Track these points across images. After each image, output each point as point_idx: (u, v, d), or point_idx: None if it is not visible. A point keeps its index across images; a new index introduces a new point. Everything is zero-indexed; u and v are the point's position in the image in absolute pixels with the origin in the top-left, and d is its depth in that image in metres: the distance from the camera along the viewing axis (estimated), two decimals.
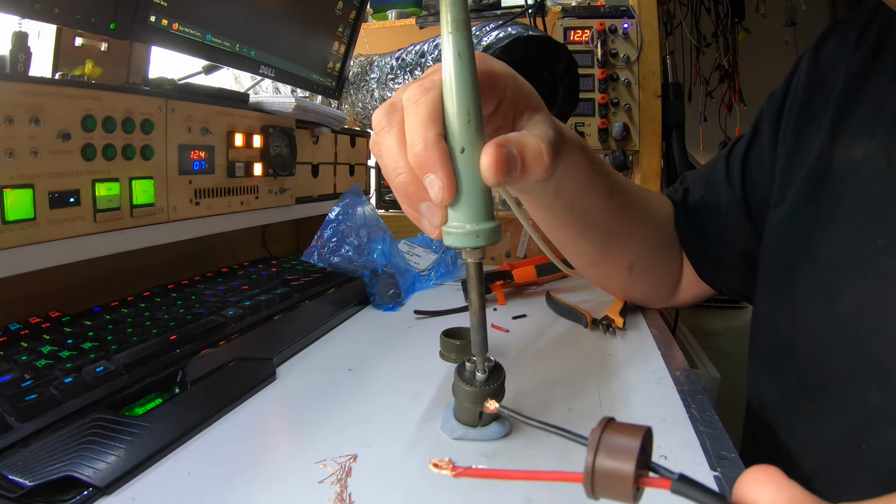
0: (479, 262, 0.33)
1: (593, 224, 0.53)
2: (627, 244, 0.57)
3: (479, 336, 0.34)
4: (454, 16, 0.30)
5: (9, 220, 0.44)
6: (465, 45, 0.30)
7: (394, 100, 0.33)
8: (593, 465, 0.19)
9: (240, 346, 0.48)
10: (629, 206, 0.55)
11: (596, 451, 0.19)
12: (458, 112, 0.30)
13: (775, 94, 0.55)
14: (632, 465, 0.18)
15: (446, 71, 0.30)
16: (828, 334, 0.42)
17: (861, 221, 0.42)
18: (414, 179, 0.31)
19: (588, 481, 0.19)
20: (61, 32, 0.63)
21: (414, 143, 0.30)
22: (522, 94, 0.38)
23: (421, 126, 0.30)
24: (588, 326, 0.59)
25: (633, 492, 0.19)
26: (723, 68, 1.80)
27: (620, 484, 0.19)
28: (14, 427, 0.33)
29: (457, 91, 0.30)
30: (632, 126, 1.05)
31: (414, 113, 0.30)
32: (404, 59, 0.99)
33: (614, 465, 0.19)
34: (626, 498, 0.19)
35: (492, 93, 0.35)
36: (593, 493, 0.19)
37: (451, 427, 0.37)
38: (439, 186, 0.30)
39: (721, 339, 1.51)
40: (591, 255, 0.57)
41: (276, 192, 0.78)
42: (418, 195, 0.31)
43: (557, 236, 0.55)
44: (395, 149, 0.32)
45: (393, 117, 0.33)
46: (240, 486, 0.32)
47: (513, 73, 0.38)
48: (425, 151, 0.29)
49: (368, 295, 0.69)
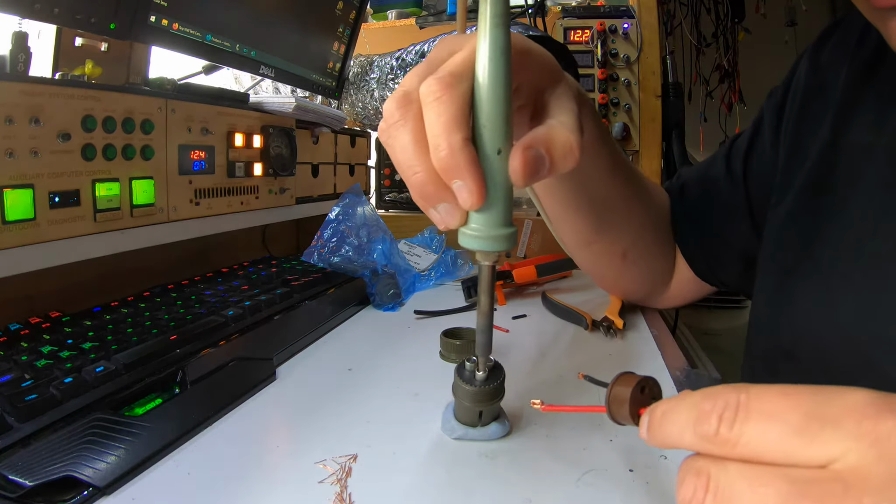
0: (492, 265, 0.32)
1: (593, 196, 0.52)
2: (624, 226, 0.56)
3: (484, 337, 0.34)
4: (497, 9, 0.28)
5: (9, 220, 0.44)
6: (506, 41, 0.28)
7: (408, 88, 0.31)
8: (609, 394, 0.28)
9: (240, 346, 0.48)
10: (630, 186, 0.54)
11: (611, 386, 0.28)
12: (496, 114, 0.29)
13: (776, 93, 0.54)
14: (628, 392, 0.27)
15: (482, 69, 0.29)
16: (829, 341, 0.42)
17: (863, 227, 0.41)
18: (433, 180, 0.29)
19: (606, 406, 0.28)
20: (61, 32, 0.63)
21: (438, 147, 0.28)
22: (544, 69, 0.36)
23: (446, 129, 0.28)
24: (588, 328, 0.59)
25: (634, 416, 0.27)
26: (723, 68, 1.80)
27: (623, 407, 0.27)
28: (14, 427, 0.33)
29: (495, 92, 0.28)
30: (632, 126, 1.05)
31: (437, 113, 0.29)
32: (404, 59, 0.99)
33: (617, 393, 0.27)
34: (630, 420, 0.27)
35: (519, 76, 0.33)
36: (612, 415, 0.28)
37: (451, 427, 0.37)
38: (468, 192, 0.28)
39: (721, 339, 1.51)
40: (586, 232, 0.56)
41: (276, 192, 0.78)
42: (437, 196, 0.29)
43: (555, 208, 0.54)
44: (412, 146, 0.30)
45: (408, 110, 0.30)
46: (240, 486, 0.32)
47: (537, 46, 0.36)
48: (452, 158, 0.28)
49: (368, 295, 0.69)
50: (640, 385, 0.27)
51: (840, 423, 0.18)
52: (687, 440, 0.21)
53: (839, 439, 0.18)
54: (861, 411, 0.18)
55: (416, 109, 0.30)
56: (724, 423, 0.20)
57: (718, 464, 0.20)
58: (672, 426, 0.22)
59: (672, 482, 0.32)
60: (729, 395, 0.20)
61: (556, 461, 0.35)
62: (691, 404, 0.21)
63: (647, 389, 0.28)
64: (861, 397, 0.19)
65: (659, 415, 0.23)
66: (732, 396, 0.20)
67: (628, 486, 0.32)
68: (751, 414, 0.20)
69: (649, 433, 0.23)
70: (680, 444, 0.21)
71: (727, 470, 0.20)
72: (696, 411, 0.21)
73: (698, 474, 0.20)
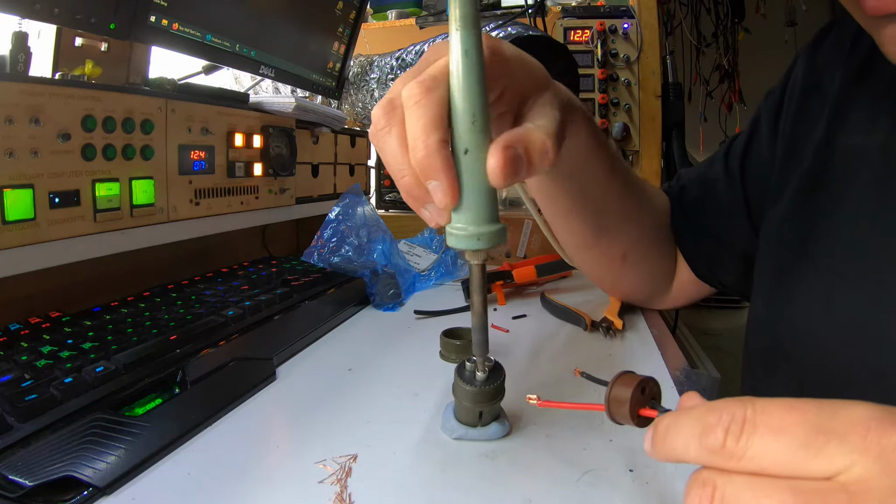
0: (481, 264, 0.32)
1: (591, 199, 0.52)
2: (623, 229, 0.56)
3: (480, 337, 0.34)
4: (462, 11, 0.29)
5: (9, 220, 0.44)
6: (473, 42, 0.29)
7: (392, 96, 0.32)
8: (609, 394, 0.28)
9: (240, 346, 0.48)
10: (628, 187, 0.54)
11: (611, 386, 0.28)
12: (464, 113, 0.29)
13: (773, 93, 0.54)
14: (628, 394, 0.27)
15: (453, 70, 0.29)
16: (827, 341, 0.42)
17: (859, 226, 0.41)
18: (419, 183, 0.30)
19: (606, 405, 0.28)
20: (61, 32, 0.63)
21: (416, 149, 0.29)
22: (529, 76, 0.36)
23: (423, 131, 0.29)
24: (588, 329, 0.59)
25: (634, 416, 0.27)
26: (723, 68, 1.80)
27: (623, 407, 0.27)
28: (14, 427, 0.33)
29: (463, 92, 0.29)
30: (632, 126, 1.05)
31: (416, 116, 0.30)
32: (404, 59, 0.99)
33: (617, 393, 0.27)
34: (629, 420, 0.27)
35: (499, 80, 0.34)
36: (611, 415, 0.28)
37: (451, 427, 0.37)
38: (442, 192, 0.29)
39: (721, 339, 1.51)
40: (586, 235, 0.56)
41: (276, 192, 0.78)
42: (423, 198, 0.30)
43: (554, 210, 0.54)
44: (398, 150, 0.31)
45: (393, 116, 0.31)
46: (240, 486, 0.32)
47: (522, 55, 0.36)
48: (427, 159, 0.29)
49: (368, 295, 0.69)
50: (641, 385, 0.27)
51: (845, 437, 0.19)
52: (692, 453, 0.21)
53: (844, 453, 0.18)
54: (866, 425, 0.19)
55: (400, 115, 0.31)
56: (731, 436, 0.20)
57: (724, 475, 0.20)
58: (677, 439, 0.22)
59: (672, 482, 0.32)
60: (735, 409, 0.20)
61: (555, 461, 0.35)
62: (696, 417, 0.21)
63: (647, 390, 0.28)
64: (866, 411, 0.19)
65: (663, 428, 0.22)
66: (738, 410, 0.20)
67: (628, 486, 0.32)
68: (757, 428, 0.20)
69: (654, 447, 0.23)
70: (685, 457, 0.21)
71: (733, 481, 0.20)
72: (702, 424, 0.21)
73: (703, 485, 0.20)
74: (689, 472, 0.21)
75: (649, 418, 0.27)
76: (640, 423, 0.27)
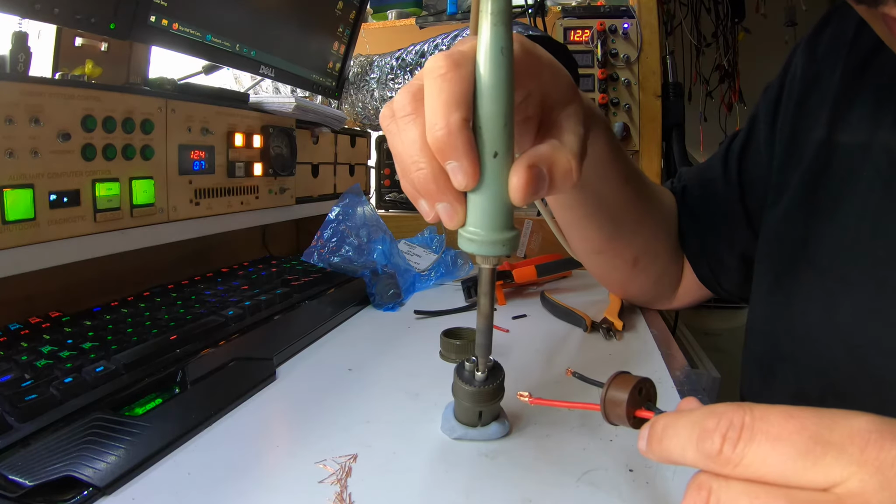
0: (493, 268, 0.32)
1: (605, 208, 0.52)
2: (635, 235, 0.56)
3: (484, 339, 0.34)
4: (499, 6, 0.27)
5: (9, 220, 0.44)
6: (510, 40, 0.27)
7: (421, 81, 0.29)
8: (604, 395, 0.27)
9: (240, 346, 0.48)
10: (642, 196, 0.54)
11: (607, 387, 0.28)
12: (495, 114, 0.28)
13: (771, 88, 0.53)
14: (625, 395, 0.26)
15: (485, 68, 0.28)
16: (827, 345, 0.41)
17: (861, 229, 0.40)
18: (436, 177, 0.28)
19: (602, 406, 0.28)
20: (61, 32, 0.63)
21: (435, 126, 0.27)
22: (557, 84, 0.34)
23: (444, 107, 0.27)
24: (588, 330, 0.59)
25: (630, 418, 0.27)
26: (723, 68, 1.80)
27: (619, 409, 0.27)
28: (14, 427, 0.33)
29: (497, 91, 0.28)
30: (632, 126, 1.05)
31: (440, 89, 0.27)
32: (404, 59, 0.99)
33: (613, 395, 0.27)
34: (625, 422, 0.27)
35: (527, 82, 0.32)
36: (606, 416, 0.28)
37: (451, 427, 0.37)
38: (463, 173, 0.28)
39: (721, 339, 1.51)
40: (598, 241, 0.56)
41: (276, 192, 0.78)
42: (438, 194, 0.29)
43: (566, 217, 0.54)
44: (419, 139, 0.29)
45: (421, 104, 0.29)
46: (240, 486, 0.32)
47: (553, 60, 0.34)
48: (449, 137, 0.27)
49: (368, 295, 0.69)
50: (638, 387, 0.27)
51: (844, 449, 0.18)
52: (689, 457, 0.21)
53: (842, 464, 0.18)
54: (865, 437, 0.18)
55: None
56: (728, 442, 0.20)
57: (720, 480, 0.20)
58: (674, 441, 0.22)
59: (672, 483, 0.32)
60: (733, 415, 0.20)
61: (556, 461, 0.35)
62: (694, 421, 0.21)
63: (643, 391, 0.28)
64: (865, 423, 0.19)
65: (660, 429, 0.22)
66: (737, 416, 0.20)
67: (628, 486, 0.32)
68: (755, 435, 0.20)
69: (649, 447, 0.23)
70: (682, 460, 0.21)
71: (729, 487, 0.20)
72: (699, 428, 0.21)
73: (699, 488, 0.20)
74: (690, 473, 0.21)
75: (645, 420, 0.27)
76: (636, 425, 0.27)
